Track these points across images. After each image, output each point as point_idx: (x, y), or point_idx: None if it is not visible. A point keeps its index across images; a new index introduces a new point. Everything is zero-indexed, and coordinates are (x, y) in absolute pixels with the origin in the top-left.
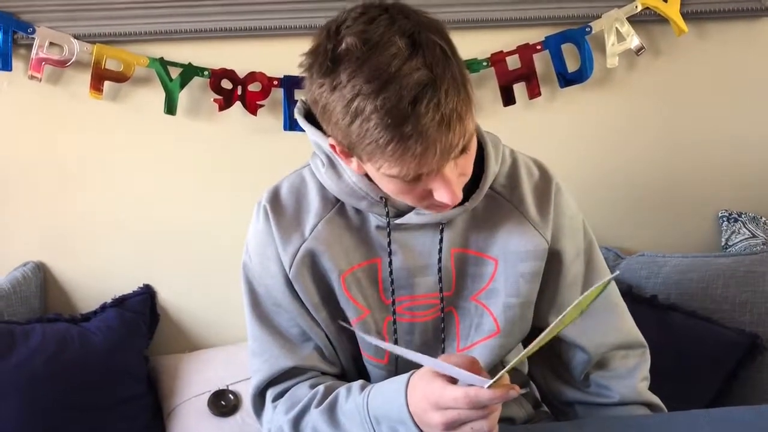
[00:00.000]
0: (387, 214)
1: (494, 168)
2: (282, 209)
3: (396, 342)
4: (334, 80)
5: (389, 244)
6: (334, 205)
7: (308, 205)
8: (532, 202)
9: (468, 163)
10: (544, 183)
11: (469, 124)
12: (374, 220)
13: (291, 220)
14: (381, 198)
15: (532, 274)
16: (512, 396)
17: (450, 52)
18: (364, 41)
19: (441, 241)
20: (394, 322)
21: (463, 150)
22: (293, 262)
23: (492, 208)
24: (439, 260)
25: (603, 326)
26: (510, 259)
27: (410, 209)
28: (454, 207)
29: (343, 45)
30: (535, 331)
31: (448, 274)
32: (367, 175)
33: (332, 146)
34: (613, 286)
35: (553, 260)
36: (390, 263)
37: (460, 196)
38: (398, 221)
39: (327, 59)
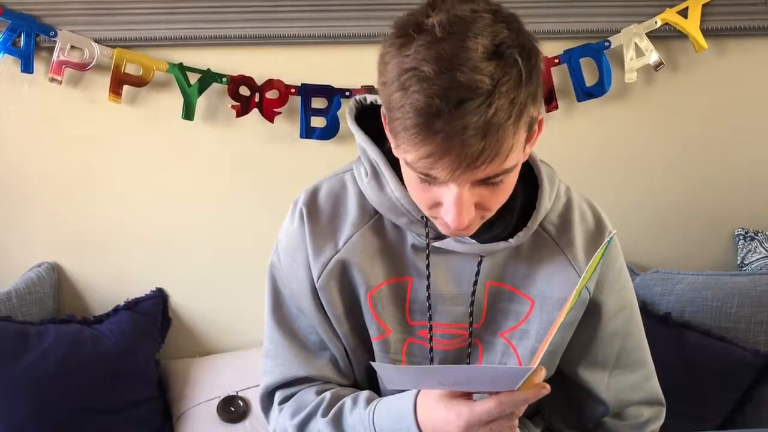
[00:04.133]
0: (427, 235)
1: (546, 206)
2: (318, 214)
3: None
4: (405, 45)
5: (428, 266)
6: (372, 216)
7: (345, 213)
8: (582, 247)
9: (494, 198)
10: (598, 233)
11: (507, 152)
12: (411, 238)
13: (326, 227)
14: (422, 217)
15: (568, 323)
16: (544, 394)
17: (526, 81)
18: (451, 24)
19: (478, 273)
20: (431, 350)
21: (489, 180)
22: (323, 272)
23: (537, 245)
24: (473, 293)
25: (629, 384)
26: (547, 304)
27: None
28: (498, 241)
29: (431, 20)
30: (561, 376)
31: (480, 306)
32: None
33: (384, 117)
34: (646, 343)
35: (593, 311)
36: (428, 287)
37: (465, 225)
38: (436, 244)
39: (411, 25)
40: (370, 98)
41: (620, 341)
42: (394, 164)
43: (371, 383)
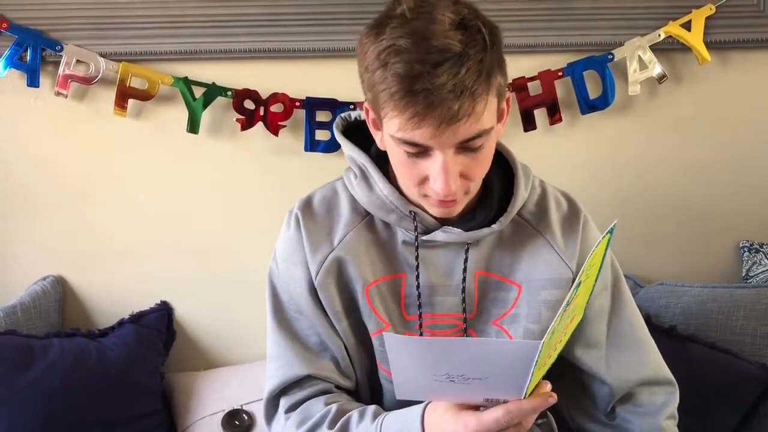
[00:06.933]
0: (415, 229)
1: (523, 193)
2: (313, 217)
3: None
4: (380, 32)
5: (417, 258)
6: (363, 217)
7: (339, 215)
8: (559, 231)
9: (476, 166)
10: (573, 214)
11: (482, 111)
12: (401, 235)
13: (321, 228)
14: (410, 212)
15: (554, 302)
16: (551, 403)
17: (491, 46)
18: (418, 6)
19: (466, 261)
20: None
21: (469, 144)
22: (320, 269)
23: (519, 233)
24: (464, 280)
25: (628, 362)
26: (534, 286)
27: (437, 227)
28: (483, 227)
29: (400, 7)
30: (565, 365)
31: (471, 296)
32: (397, 188)
33: (366, 110)
34: (642, 322)
35: None
36: (417, 277)
37: (453, 192)
38: (425, 238)
39: (383, 16)
40: (354, 115)
41: (608, 319)
42: (380, 167)
43: (372, 386)
